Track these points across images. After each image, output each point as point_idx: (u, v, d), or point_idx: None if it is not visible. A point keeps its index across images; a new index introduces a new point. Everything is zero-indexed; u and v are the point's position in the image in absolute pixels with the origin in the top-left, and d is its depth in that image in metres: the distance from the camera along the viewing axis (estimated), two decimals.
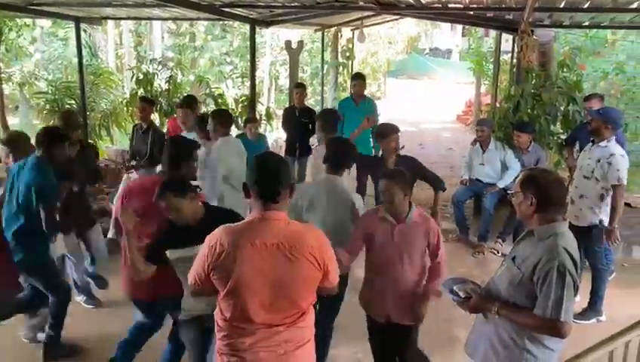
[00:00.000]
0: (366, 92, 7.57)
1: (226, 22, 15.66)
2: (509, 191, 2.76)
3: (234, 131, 10.86)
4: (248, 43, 9.50)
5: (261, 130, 8.60)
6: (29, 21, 11.73)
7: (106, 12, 8.95)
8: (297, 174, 7.31)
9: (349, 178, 4.38)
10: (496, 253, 6.45)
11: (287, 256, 2.27)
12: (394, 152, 4.82)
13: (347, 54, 14.48)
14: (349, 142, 4.07)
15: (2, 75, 10.37)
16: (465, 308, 2.71)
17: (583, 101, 6.65)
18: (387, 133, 4.82)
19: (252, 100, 8.99)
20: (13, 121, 13.33)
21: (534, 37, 7.56)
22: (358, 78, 7.47)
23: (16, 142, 4.53)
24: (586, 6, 6.36)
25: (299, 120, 7.42)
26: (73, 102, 9.89)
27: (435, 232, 3.36)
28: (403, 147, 4.94)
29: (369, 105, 7.24)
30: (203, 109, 10.45)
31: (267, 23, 9.13)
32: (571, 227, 2.60)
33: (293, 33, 16.40)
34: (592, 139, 4.88)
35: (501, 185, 6.44)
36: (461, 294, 2.71)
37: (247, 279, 2.26)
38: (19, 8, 7.45)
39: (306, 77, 18.35)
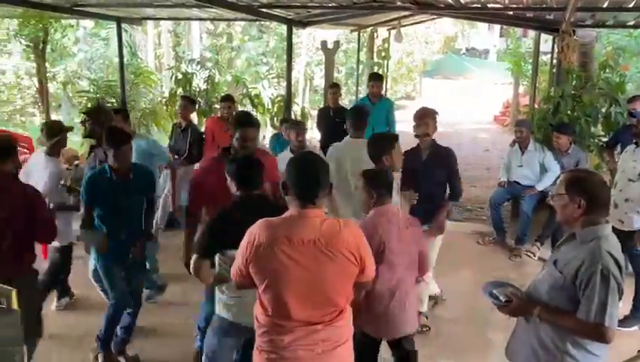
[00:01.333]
0: (401, 92, 7.62)
1: (262, 22, 15.79)
2: (551, 194, 2.70)
3: (270, 131, 11.05)
4: (284, 43, 9.57)
5: None
6: (73, 22, 12.04)
7: (146, 12, 9.13)
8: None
9: None
10: (532, 256, 6.35)
11: (323, 252, 2.29)
12: (424, 137, 4.63)
13: (383, 54, 14.42)
14: (383, 134, 4.17)
15: (47, 75, 10.66)
16: (506, 311, 2.66)
17: (627, 103, 6.49)
18: (417, 116, 4.69)
19: (288, 100, 9.05)
20: (57, 119, 13.70)
21: (575, 37, 7.42)
22: (375, 79, 7.51)
23: None
24: (631, 5, 6.21)
25: (333, 120, 7.44)
26: (114, 100, 10.11)
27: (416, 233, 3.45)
28: (427, 135, 4.67)
29: (386, 105, 7.30)
30: (240, 108, 10.62)
31: (304, 24, 9.17)
32: (615, 231, 2.54)
33: (329, 33, 16.43)
34: (635, 141, 4.76)
35: (540, 187, 6.33)
36: (501, 298, 2.67)
37: (284, 274, 2.29)
38: (64, 10, 7.68)
39: (341, 77, 18.38)
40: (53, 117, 11.76)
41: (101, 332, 4.15)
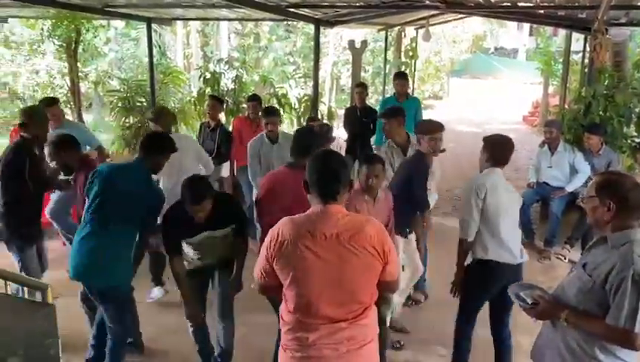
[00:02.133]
0: (429, 92, 7.55)
1: (289, 22, 15.84)
2: (581, 196, 2.66)
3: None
4: (311, 43, 9.58)
5: None
6: (104, 22, 12.26)
7: (175, 13, 9.25)
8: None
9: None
10: (562, 258, 6.26)
11: (346, 247, 2.29)
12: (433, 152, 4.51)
13: (410, 53, 14.35)
14: (505, 136, 3.94)
15: (79, 74, 10.87)
16: (532, 314, 2.63)
17: None
18: (436, 129, 4.50)
19: (315, 100, 9.07)
20: (87, 118, 13.99)
21: (608, 36, 7.27)
22: (400, 77, 7.45)
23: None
24: None
25: (360, 119, 7.43)
26: (144, 100, 10.25)
27: (390, 199, 3.93)
28: (444, 150, 4.64)
29: (413, 104, 7.19)
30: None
31: (331, 23, 9.17)
32: None
33: (356, 33, 16.41)
34: None
35: (570, 188, 6.23)
36: (528, 300, 2.64)
37: (308, 269, 2.30)
38: (95, 10, 7.83)
39: (368, 76, 18.32)
40: (85, 116, 11.98)
41: None
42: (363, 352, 2.41)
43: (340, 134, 11.74)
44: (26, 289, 2.12)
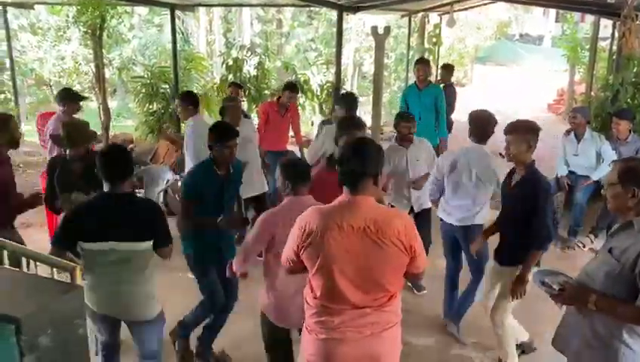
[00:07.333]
0: (452, 79, 7.39)
1: (312, 8, 15.76)
2: (602, 183, 2.64)
3: (319, 117, 11.06)
4: (333, 29, 9.52)
5: None
6: (128, 9, 12.31)
7: None
8: None
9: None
10: (582, 246, 6.20)
11: (373, 240, 2.31)
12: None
13: (434, 40, 14.20)
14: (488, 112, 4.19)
15: (104, 61, 10.96)
16: (559, 300, 2.63)
17: None
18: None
19: (337, 87, 9.04)
20: (112, 104, 14.15)
21: (638, 22, 7.11)
22: (420, 63, 7.18)
23: None
24: None
25: None
26: (167, 86, 10.31)
27: None
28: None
29: (433, 91, 6.94)
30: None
31: (354, 9, 9.11)
32: None
33: (379, 19, 16.27)
34: None
35: (595, 177, 6.12)
36: (555, 286, 2.63)
37: (335, 259, 2.32)
38: None
39: (391, 63, 18.18)
40: (109, 102, 12.10)
41: (185, 321, 3.96)
42: (385, 335, 2.45)
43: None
44: (55, 269, 2.18)
